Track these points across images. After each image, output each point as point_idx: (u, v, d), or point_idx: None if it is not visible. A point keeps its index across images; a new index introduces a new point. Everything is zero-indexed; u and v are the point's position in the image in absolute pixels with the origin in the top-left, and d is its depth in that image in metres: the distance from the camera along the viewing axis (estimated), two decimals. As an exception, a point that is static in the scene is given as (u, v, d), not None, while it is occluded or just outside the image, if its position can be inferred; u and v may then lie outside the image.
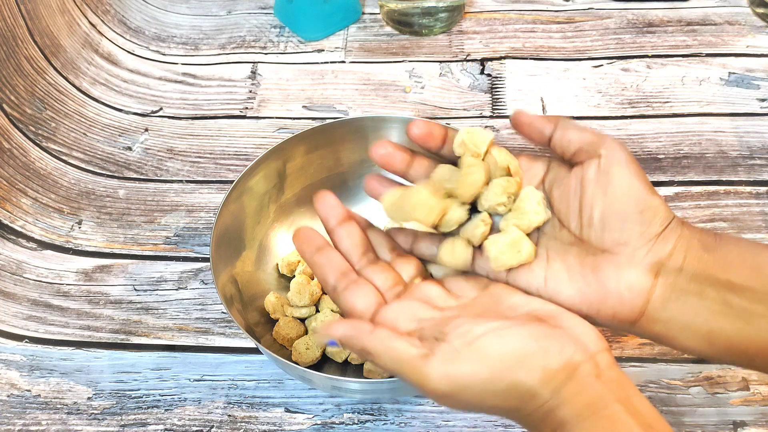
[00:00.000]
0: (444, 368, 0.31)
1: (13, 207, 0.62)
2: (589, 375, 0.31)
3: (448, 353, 0.32)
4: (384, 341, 0.32)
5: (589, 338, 0.33)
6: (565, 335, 0.33)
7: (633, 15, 0.78)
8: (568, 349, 0.32)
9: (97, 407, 0.51)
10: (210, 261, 0.48)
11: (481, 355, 0.31)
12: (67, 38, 0.73)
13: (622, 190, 0.34)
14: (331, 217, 0.39)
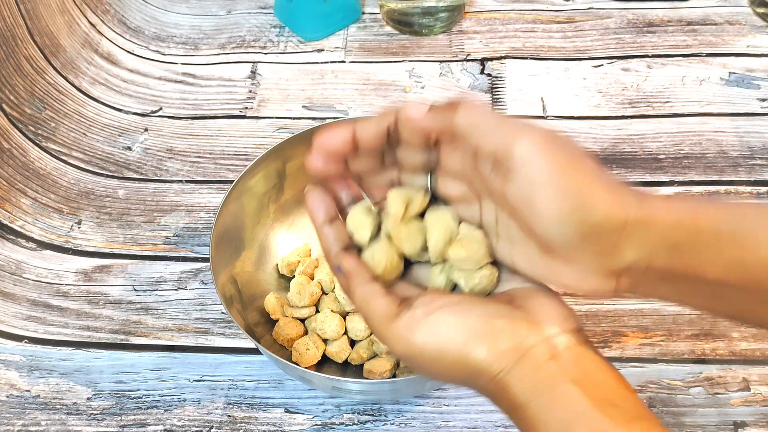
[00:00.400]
0: (402, 333, 0.33)
1: (13, 207, 0.62)
2: (541, 356, 0.32)
3: (409, 320, 0.33)
4: (368, 296, 0.35)
5: (550, 321, 0.33)
6: (523, 318, 0.33)
7: (633, 15, 0.78)
8: (521, 332, 0.33)
9: (96, 408, 0.51)
10: (210, 261, 0.48)
11: (434, 327, 0.33)
12: (67, 38, 0.73)
13: (550, 220, 0.31)
14: (320, 216, 0.38)
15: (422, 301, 0.34)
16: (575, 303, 0.55)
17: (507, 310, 0.33)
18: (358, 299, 0.35)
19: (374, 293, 0.35)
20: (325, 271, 0.54)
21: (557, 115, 0.69)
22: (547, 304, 0.34)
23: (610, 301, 0.55)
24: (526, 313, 0.33)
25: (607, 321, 0.54)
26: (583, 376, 0.32)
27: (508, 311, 0.33)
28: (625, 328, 0.54)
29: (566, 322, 0.33)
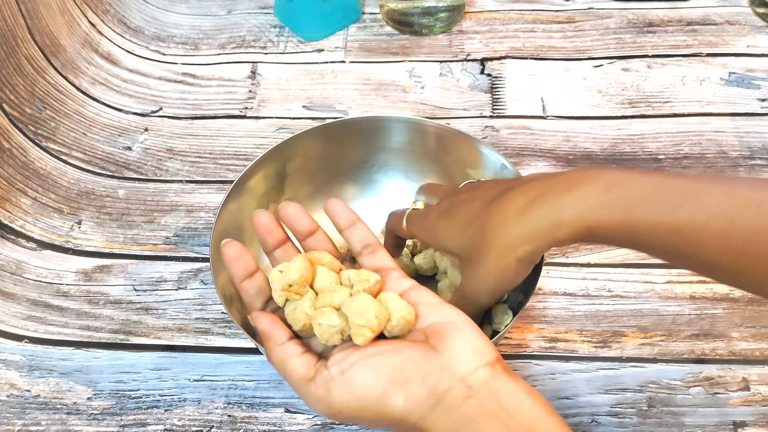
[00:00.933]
0: (320, 395, 0.34)
1: (13, 207, 0.62)
2: (457, 397, 0.33)
3: (324, 381, 0.34)
4: (285, 357, 0.36)
5: (464, 359, 0.34)
6: (436, 361, 0.34)
7: (633, 15, 0.78)
8: (433, 377, 0.33)
9: (96, 407, 0.51)
10: (210, 261, 0.48)
11: (349, 386, 0.34)
12: (67, 38, 0.73)
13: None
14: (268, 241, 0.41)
15: (336, 359, 0.35)
16: (575, 304, 0.55)
17: (419, 355, 0.34)
18: (275, 361, 0.37)
19: (290, 354, 0.36)
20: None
21: (557, 115, 0.69)
22: (461, 340, 0.35)
23: (609, 301, 0.55)
24: (439, 355, 0.34)
25: (606, 321, 0.54)
26: (501, 408, 0.33)
27: (420, 355, 0.34)
28: (624, 328, 0.54)
29: (481, 356, 0.34)
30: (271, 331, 0.37)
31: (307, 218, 0.41)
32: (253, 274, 0.39)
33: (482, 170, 0.54)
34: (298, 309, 0.37)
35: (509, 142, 0.66)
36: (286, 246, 0.41)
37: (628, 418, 0.49)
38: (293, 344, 0.37)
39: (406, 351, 0.34)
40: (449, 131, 0.55)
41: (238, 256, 0.39)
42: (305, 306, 0.37)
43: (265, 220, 0.41)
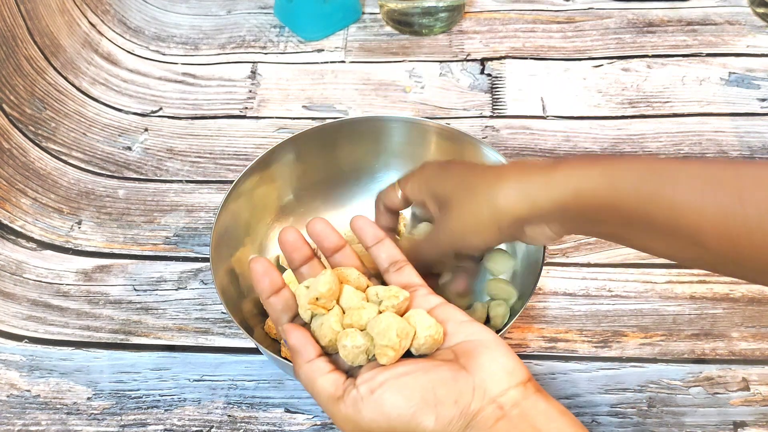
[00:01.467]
0: (349, 414, 0.34)
1: (13, 207, 0.62)
2: (488, 419, 0.32)
3: (353, 401, 0.34)
4: (313, 374, 0.36)
5: (495, 380, 0.34)
6: (468, 381, 0.33)
7: (633, 15, 0.78)
8: (465, 398, 0.33)
9: (96, 407, 0.51)
10: (210, 261, 0.48)
11: (379, 406, 0.33)
12: (67, 38, 0.73)
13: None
14: (295, 258, 0.41)
15: (365, 377, 0.34)
16: (575, 303, 0.55)
17: (450, 375, 0.34)
18: (303, 378, 0.36)
19: (319, 372, 0.36)
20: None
21: (557, 115, 0.69)
22: (492, 359, 0.34)
23: (609, 301, 0.55)
24: (471, 375, 0.34)
25: (607, 321, 0.54)
26: (533, 429, 0.32)
27: (451, 376, 0.34)
28: (625, 328, 0.54)
29: (512, 376, 0.34)
30: (302, 346, 0.37)
31: (334, 234, 0.41)
32: (279, 290, 0.39)
33: (482, 170, 0.54)
34: (325, 324, 0.37)
35: (509, 142, 0.66)
36: (313, 262, 0.41)
37: (628, 417, 0.49)
38: (322, 361, 0.36)
39: (437, 371, 0.34)
40: (449, 131, 0.55)
41: (265, 272, 0.39)
42: (332, 321, 0.37)
43: (291, 238, 0.40)
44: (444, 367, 0.34)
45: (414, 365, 0.34)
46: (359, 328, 0.36)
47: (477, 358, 0.34)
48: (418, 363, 0.35)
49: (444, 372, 0.34)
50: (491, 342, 0.35)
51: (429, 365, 0.34)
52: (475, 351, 0.35)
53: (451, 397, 0.33)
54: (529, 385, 0.34)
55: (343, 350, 0.36)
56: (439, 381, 0.33)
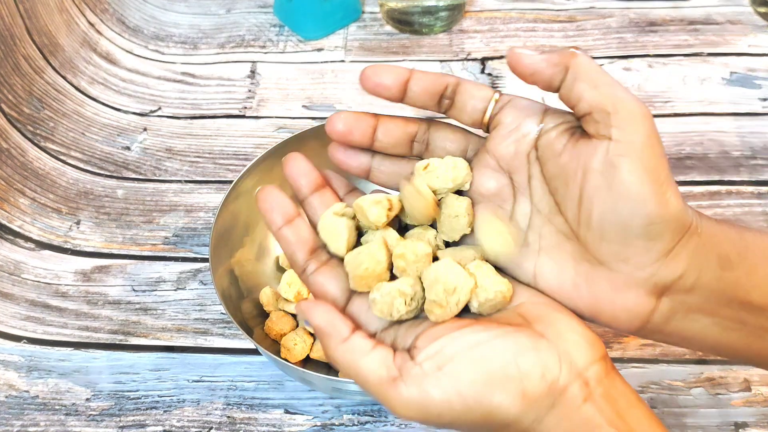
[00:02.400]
0: (413, 396, 0.28)
1: (11, 207, 0.62)
2: (576, 398, 0.28)
3: (417, 380, 0.28)
4: (353, 356, 0.29)
5: (579, 348, 0.29)
6: (552, 350, 0.29)
7: (635, 14, 0.78)
8: (553, 370, 0.28)
9: (95, 408, 0.51)
10: (209, 261, 0.48)
11: (453, 382, 0.28)
12: (66, 37, 0.73)
13: (629, 194, 0.28)
14: (303, 185, 0.34)
15: (428, 351, 0.29)
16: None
17: (531, 343, 0.29)
18: (342, 363, 0.30)
19: (359, 352, 0.29)
20: None
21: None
22: (571, 328, 0.30)
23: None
24: (552, 344, 0.29)
25: (608, 321, 0.54)
26: (620, 420, 0.28)
27: (532, 344, 0.29)
28: (626, 329, 0.53)
29: (594, 349, 0.30)
30: (330, 325, 0.30)
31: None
32: (293, 220, 0.33)
33: (483, 170, 0.54)
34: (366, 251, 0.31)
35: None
36: (325, 191, 0.34)
37: (629, 419, 0.49)
38: (360, 337, 0.30)
39: (515, 338, 0.29)
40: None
41: (275, 200, 0.33)
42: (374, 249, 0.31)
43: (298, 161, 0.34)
44: (521, 333, 0.29)
45: (486, 331, 0.29)
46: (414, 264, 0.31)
47: (554, 324, 0.29)
48: (489, 327, 0.29)
49: (523, 339, 0.29)
50: (560, 307, 0.31)
51: (504, 332, 0.29)
52: (550, 316, 0.30)
53: (537, 368, 0.28)
54: (608, 361, 0.30)
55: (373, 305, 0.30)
56: (519, 350, 0.28)
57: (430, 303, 0.30)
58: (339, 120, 0.33)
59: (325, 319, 0.30)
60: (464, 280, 0.30)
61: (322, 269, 0.33)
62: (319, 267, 0.33)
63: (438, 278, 0.30)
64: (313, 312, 0.30)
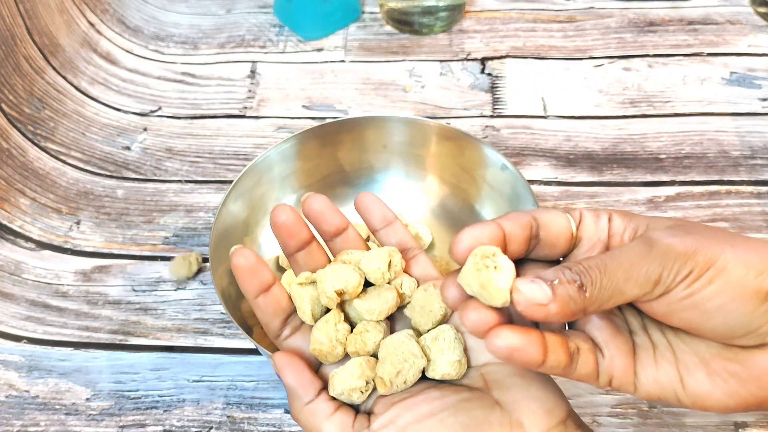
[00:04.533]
0: None
1: (12, 207, 0.62)
2: None
3: None
4: (315, 419, 0.31)
5: (534, 417, 0.29)
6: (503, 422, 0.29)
7: (634, 14, 0.78)
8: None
9: (95, 408, 0.51)
10: (209, 261, 0.48)
11: None
12: (66, 37, 0.73)
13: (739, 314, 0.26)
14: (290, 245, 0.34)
15: (382, 421, 0.30)
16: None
17: (482, 415, 0.29)
18: (304, 423, 0.31)
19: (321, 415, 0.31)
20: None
21: (558, 114, 0.68)
22: (529, 394, 0.30)
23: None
24: (506, 413, 0.29)
25: (607, 321, 0.54)
26: None
27: (483, 416, 0.29)
28: (625, 329, 0.53)
29: (552, 415, 0.30)
30: (298, 385, 0.31)
31: (336, 215, 0.35)
32: (269, 288, 0.33)
33: (483, 170, 0.54)
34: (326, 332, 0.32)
35: (510, 142, 0.66)
36: (311, 247, 0.34)
37: (628, 418, 0.49)
38: (323, 401, 0.31)
39: (467, 410, 0.29)
40: (450, 131, 0.55)
41: (250, 268, 0.32)
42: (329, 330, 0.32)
43: (288, 219, 0.33)
44: (475, 403, 0.30)
45: (439, 401, 0.30)
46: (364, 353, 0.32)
47: (511, 391, 0.30)
48: (444, 397, 0.30)
49: (475, 411, 0.29)
50: (524, 370, 0.30)
51: (456, 402, 0.30)
52: (509, 381, 0.30)
53: None
54: (569, 422, 0.30)
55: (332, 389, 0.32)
56: (469, 423, 0.29)
57: (378, 379, 0.31)
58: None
59: (294, 380, 0.31)
60: (412, 361, 0.31)
61: (296, 334, 0.34)
62: (293, 332, 0.34)
63: (386, 357, 0.31)
64: (286, 371, 0.31)
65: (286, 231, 0.34)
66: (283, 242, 0.34)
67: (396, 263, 0.33)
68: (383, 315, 0.32)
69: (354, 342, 0.32)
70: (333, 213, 0.35)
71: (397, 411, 0.30)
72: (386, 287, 0.33)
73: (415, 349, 0.31)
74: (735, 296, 0.26)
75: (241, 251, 0.32)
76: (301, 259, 0.34)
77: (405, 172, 0.58)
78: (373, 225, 0.36)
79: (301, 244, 0.34)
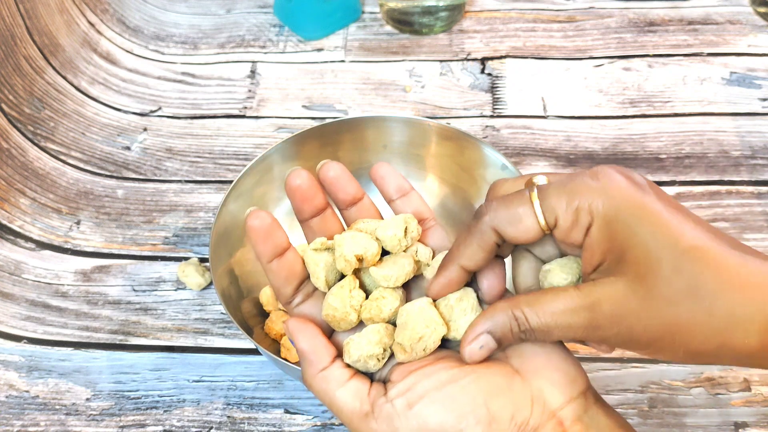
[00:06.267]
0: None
1: (12, 207, 0.62)
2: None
3: (388, 417, 0.28)
4: (329, 386, 0.30)
5: (556, 387, 0.29)
6: (525, 390, 0.29)
7: (634, 14, 0.78)
8: (524, 412, 0.28)
9: (95, 408, 0.51)
10: (209, 261, 0.48)
11: (421, 424, 0.28)
12: (66, 37, 0.73)
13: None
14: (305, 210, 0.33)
15: (399, 388, 0.29)
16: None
17: (504, 382, 0.29)
18: (318, 391, 0.30)
19: (335, 382, 0.30)
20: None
21: (558, 114, 0.68)
22: (551, 363, 0.30)
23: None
24: (527, 382, 0.29)
25: (607, 321, 0.54)
26: None
27: (505, 383, 0.29)
28: (626, 329, 0.53)
29: (574, 385, 0.29)
30: (311, 352, 0.30)
31: (352, 183, 0.34)
32: (283, 252, 0.32)
33: (483, 170, 0.54)
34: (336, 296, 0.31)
35: (510, 142, 0.66)
36: (326, 214, 0.33)
37: (629, 418, 0.49)
38: (338, 367, 0.30)
39: (488, 377, 0.29)
40: (450, 131, 0.55)
41: (266, 231, 0.31)
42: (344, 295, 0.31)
43: (304, 183, 0.32)
44: (495, 370, 0.29)
45: (459, 369, 0.29)
46: (380, 320, 0.32)
47: (532, 360, 0.30)
48: (463, 365, 0.29)
49: (496, 378, 0.29)
50: (542, 342, 0.30)
51: (476, 369, 0.29)
52: (529, 350, 0.30)
53: (507, 411, 0.28)
54: (589, 394, 0.30)
55: (347, 356, 0.31)
56: (491, 390, 0.28)
57: (397, 345, 0.30)
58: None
59: (308, 345, 0.30)
60: (434, 327, 0.30)
61: (308, 301, 0.33)
62: (304, 299, 0.33)
63: (407, 323, 0.30)
64: (299, 335, 0.30)
65: (301, 195, 0.32)
66: (298, 207, 0.33)
67: (412, 230, 0.33)
68: (400, 281, 0.32)
69: (369, 308, 0.31)
70: (349, 181, 0.34)
71: (416, 378, 0.29)
72: (402, 255, 0.33)
73: (435, 316, 0.31)
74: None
75: (257, 213, 0.31)
76: (315, 225, 0.33)
77: (405, 172, 0.58)
78: (389, 195, 0.35)
79: (315, 210, 0.33)
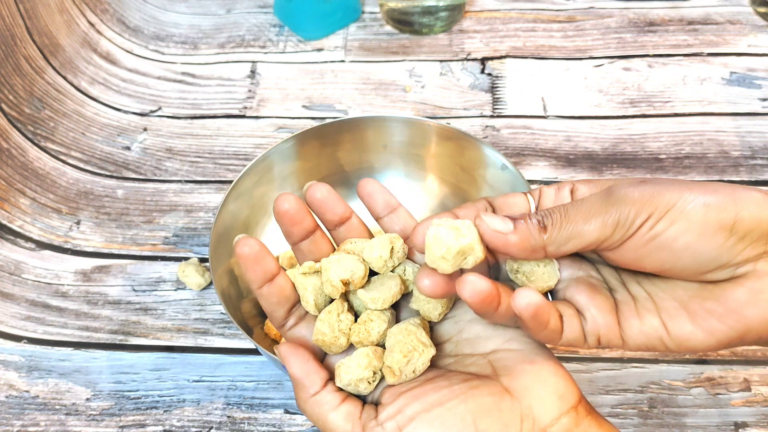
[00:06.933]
0: None
1: (12, 207, 0.62)
2: None
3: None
4: (321, 409, 0.30)
5: (546, 403, 0.29)
6: (514, 409, 0.29)
7: (634, 14, 0.78)
8: (512, 431, 0.28)
9: (95, 408, 0.51)
10: (209, 261, 0.48)
11: None
12: (66, 37, 0.73)
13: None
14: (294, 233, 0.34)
15: (389, 411, 0.29)
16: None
17: (492, 402, 0.29)
18: (310, 414, 0.31)
19: (328, 406, 0.30)
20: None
21: (558, 114, 0.68)
22: (540, 379, 0.30)
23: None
24: (516, 400, 0.29)
25: (607, 321, 0.54)
26: None
27: (493, 402, 0.29)
28: (625, 329, 0.53)
29: (564, 400, 0.29)
30: (303, 376, 0.31)
31: (340, 203, 0.34)
32: (273, 278, 0.32)
33: (483, 170, 0.54)
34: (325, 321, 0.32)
35: (510, 142, 0.66)
36: (315, 236, 0.34)
37: (629, 418, 0.49)
38: (329, 392, 0.31)
39: (476, 397, 0.29)
40: (450, 131, 0.55)
41: (255, 257, 0.31)
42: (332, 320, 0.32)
43: (291, 207, 0.33)
44: (483, 390, 0.29)
45: (448, 389, 0.29)
46: (369, 343, 0.32)
47: (521, 377, 0.30)
48: (452, 386, 0.29)
49: (485, 398, 0.29)
50: (535, 355, 0.30)
51: (465, 389, 0.29)
52: (518, 367, 0.30)
53: (495, 431, 0.28)
54: (581, 407, 0.30)
55: (338, 380, 0.31)
56: (480, 411, 0.28)
57: (386, 368, 0.31)
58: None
59: (300, 370, 0.31)
60: (422, 349, 0.31)
61: (301, 324, 0.33)
62: (297, 322, 0.33)
63: (395, 345, 0.31)
64: (291, 360, 0.31)
65: (290, 219, 0.33)
66: (287, 231, 0.34)
67: (398, 249, 0.33)
68: (387, 303, 0.32)
69: (358, 332, 0.32)
70: (336, 201, 0.34)
71: (405, 400, 0.29)
72: (389, 275, 0.33)
73: (423, 338, 0.31)
74: (700, 234, 0.27)
75: (246, 240, 0.31)
76: (305, 248, 0.34)
77: (405, 172, 0.58)
78: (376, 212, 0.35)
79: (304, 233, 0.34)
